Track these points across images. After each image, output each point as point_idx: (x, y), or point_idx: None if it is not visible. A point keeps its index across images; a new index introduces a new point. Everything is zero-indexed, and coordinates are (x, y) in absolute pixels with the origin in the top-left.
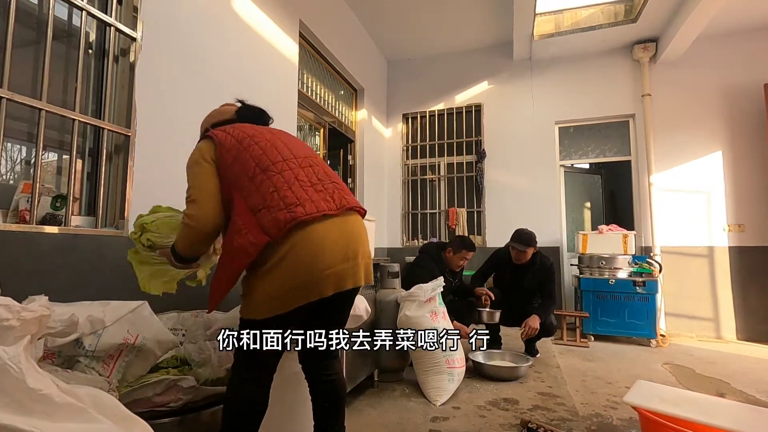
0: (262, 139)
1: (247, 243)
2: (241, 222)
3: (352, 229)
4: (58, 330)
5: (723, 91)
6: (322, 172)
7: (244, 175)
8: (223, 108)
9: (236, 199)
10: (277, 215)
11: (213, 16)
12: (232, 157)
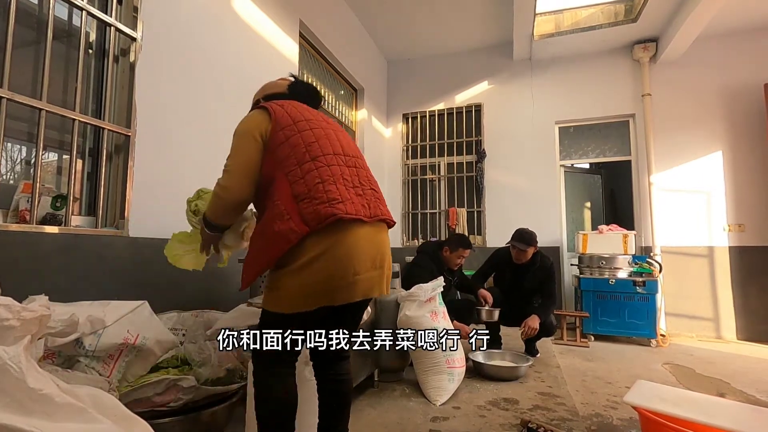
0: (318, 127)
1: (289, 230)
2: (284, 208)
3: (381, 238)
4: (58, 330)
5: (723, 91)
6: (364, 176)
7: (292, 158)
8: (277, 81)
9: (280, 182)
10: (318, 208)
11: (213, 16)
12: (284, 136)
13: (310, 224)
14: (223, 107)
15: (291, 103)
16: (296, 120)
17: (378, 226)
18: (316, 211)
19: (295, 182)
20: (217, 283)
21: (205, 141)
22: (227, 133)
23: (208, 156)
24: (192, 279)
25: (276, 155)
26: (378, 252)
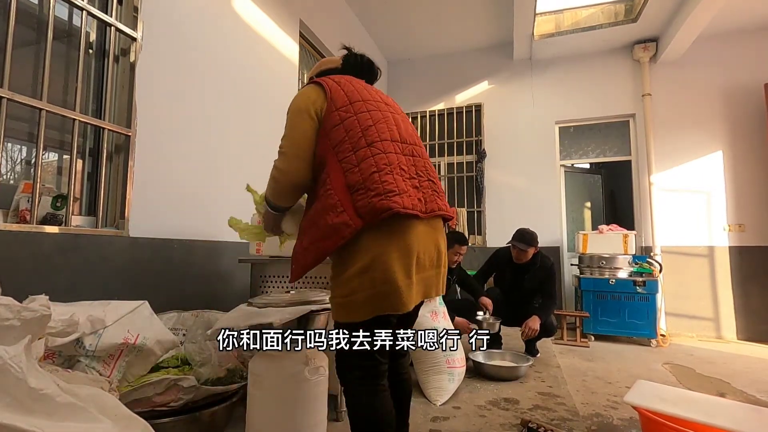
0: (376, 109)
1: (342, 224)
2: (338, 198)
3: (437, 235)
4: (58, 330)
5: (723, 91)
6: (422, 165)
7: (347, 142)
8: (330, 58)
9: (333, 168)
10: (373, 200)
11: (213, 16)
12: (339, 117)
13: (364, 218)
14: (223, 107)
15: (348, 80)
16: (353, 100)
17: (434, 222)
18: (370, 204)
19: (350, 170)
20: (217, 283)
21: (206, 141)
22: (227, 132)
23: (208, 156)
24: (192, 279)
25: (330, 137)
26: (435, 250)
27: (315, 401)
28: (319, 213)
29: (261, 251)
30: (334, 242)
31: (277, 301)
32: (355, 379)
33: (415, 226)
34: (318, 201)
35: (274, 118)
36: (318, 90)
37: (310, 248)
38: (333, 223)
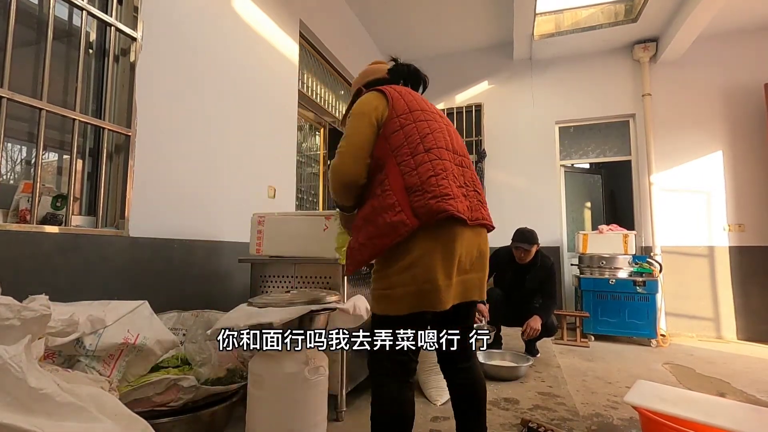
0: (433, 119)
1: (400, 222)
2: (396, 199)
3: (480, 242)
4: (58, 329)
5: (723, 91)
6: (469, 176)
7: (406, 147)
8: (375, 66)
9: (391, 170)
10: (430, 202)
11: (213, 15)
12: (399, 124)
13: (421, 218)
14: (223, 107)
15: (407, 90)
16: (412, 109)
17: (478, 229)
18: (427, 205)
19: (408, 173)
20: (217, 283)
21: (206, 141)
22: (227, 132)
23: (208, 156)
24: (192, 279)
25: (390, 142)
26: (478, 255)
27: (315, 401)
28: (377, 211)
29: (261, 251)
30: (391, 239)
31: (277, 301)
32: (385, 372)
33: (462, 230)
34: (375, 200)
35: (274, 117)
36: (380, 97)
37: (367, 244)
38: (391, 221)
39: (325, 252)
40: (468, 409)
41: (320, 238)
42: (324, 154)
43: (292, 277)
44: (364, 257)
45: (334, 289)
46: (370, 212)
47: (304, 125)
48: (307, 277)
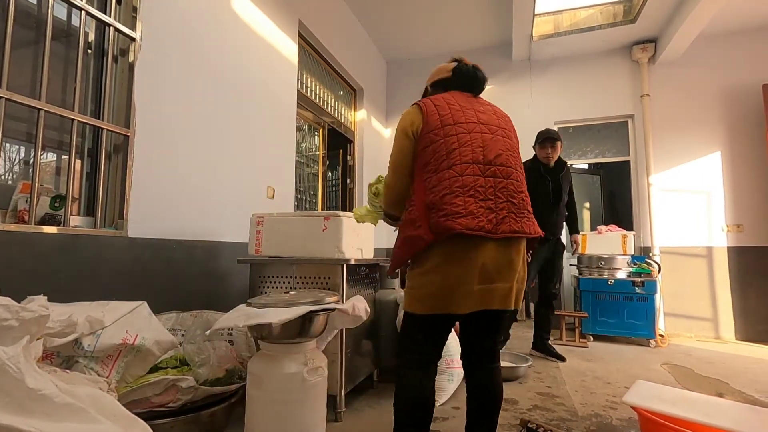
0: (466, 131)
1: (418, 237)
2: (417, 215)
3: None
4: (57, 330)
5: (722, 92)
6: (502, 186)
7: (431, 164)
8: (444, 65)
9: (418, 186)
10: (440, 220)
11: (213, 16)
12: (428, 141)
13: (436, 234)
14: (222, 107)
15: (447, 101)
16: (445, 123)
17: (507, 241)
18: (438, 223)
19: (429, 190)
20: (216, 283)
21: (205, 141)
22: (226, 132)
23: (207, 156)
24: (191, 279)
25: (420, 157)
26: (507, 265)
27: (314, 402)
28: (405, 224)
29: (260, 251)
30: (410, 250)
31: (276, 302)
32: (410, 362)
33: (483, 243)
34: (406, 212)
35: (273, 118)
36: (417, 111)
37: (398, 252)
38: (412, 235)
39: (324, 252)
40: (485, 410)
41: (319, 238)
42: (323, 154)
43: (291, 278)
44: (395, 262)
45: (333, 290)
46: (403, 223)
47: (303, 125)
48: (306, 278)
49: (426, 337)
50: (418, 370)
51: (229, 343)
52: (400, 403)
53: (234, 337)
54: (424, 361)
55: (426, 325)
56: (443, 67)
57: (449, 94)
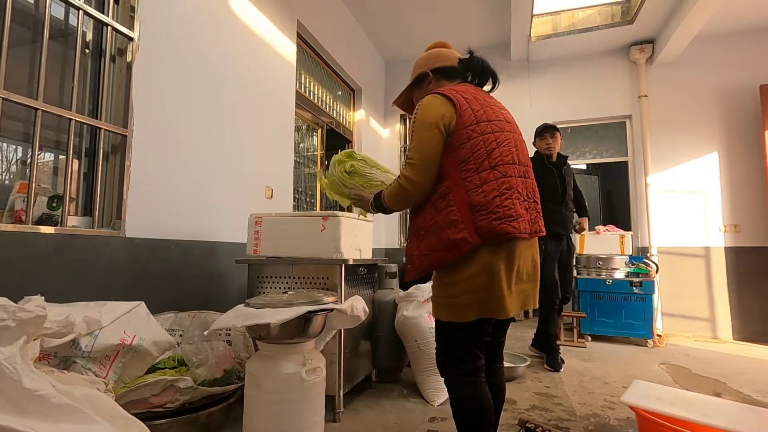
0: (500, 129)
1: (463, 240)
2: (460, 216)
3: (534, 251)
4: (54, 331)
5: (719, 93)
6: (531, 186)
7: (471, 162)
8: (445, 50)
9: (455, 184)
10: (494, 223)
11: (211, 15)
12: (465, 136)
13: (483, 237)
14: (220, 107)
15: (473, 95)
16: (479, 119)
17: (532, 240)
18: (491, 226)
19: (472, 190)
20: (214, 283)
21: (203, 141)
22: (224, 132)
23: (205, 156)
24: (189, 279)
25: (455, 154)
26: (533, 265)
27: (312, 402)
28: (440, 226)
29: (258, 252)
30: (453, 255)
31: (275, 302)
32: (458, 374)
33: (520, 244)
34: (438, 213)
35: (271, 118)
36: (448, 104)
37: (429, 255)
38: (455, 238)
39: (322, 252)
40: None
41: (318, 238)
42: (321, 154)
43: (289, 278)
44: (425, 267)
45: (331, 290)
46: (431, 224)
47: (301, 126)
48: (304, 278)
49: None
50: (475, 376)
51: (228, 343)
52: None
53: (232, 337)
54: (477, 367)
55: (476, 330)
56: (446, 54)
57: (465, 86)
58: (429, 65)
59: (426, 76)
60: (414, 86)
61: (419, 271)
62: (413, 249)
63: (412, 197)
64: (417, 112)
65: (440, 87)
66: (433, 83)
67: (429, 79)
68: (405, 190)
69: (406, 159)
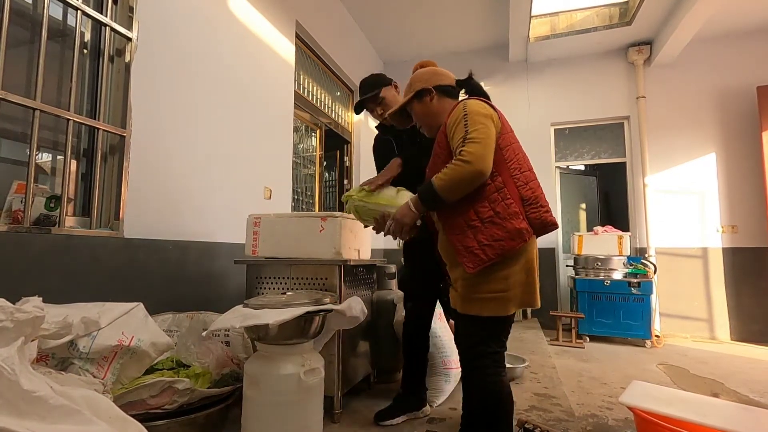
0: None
1: (525, 229)
2: (517, 208)
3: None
4: (52, 332)
5: (716, 94)
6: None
7: (515, 162)
8: (445, 71)
9: (507, 180)
10: (544, 216)
11: (209, 16)
12: (508, 140)
13: (535, 228)
14: (218, 108)
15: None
16: (508, 129)
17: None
18: (541, 218)
19: (522, 186)
20: (212, 284)
21: (201, 141)
22: (223, 133)
23: (204, 156)
24: (187, 280)
25: (502, 154)
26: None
27: (311, 403)
28: (503, 217)
29: (256, 252)
30: (518, 243)
31: (273, 303)
32: (486, 366)
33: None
34: (496, 204)
35: (270, 118)
36: (491, 108)
37: (493, 245)
38: (520, 227)
39: (321, 253)
40: None
41: (316, 239)
42: (320, 155)
43: (288, 279)
44: (489, 256)
45: (330, 291)
46: (492, 216)
47: (300, 126)
48: (303, 279)
49: (508, 332)
50: (503, 367)
51: (226, 344)
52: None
53: (231, 338)
54: (500, 359)
55: (508, 324)
56: (444, 73)
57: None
58: (432, 82)
59: (429, 91)
60: (413, 101)
61: (483, 260)
62: (469, 241)
63: (477, 175)
64: (466, 107)
65: (445, 103)
66: (436, 99)
67: (431, 95)
68: (471, 167)
69: (466, 140)
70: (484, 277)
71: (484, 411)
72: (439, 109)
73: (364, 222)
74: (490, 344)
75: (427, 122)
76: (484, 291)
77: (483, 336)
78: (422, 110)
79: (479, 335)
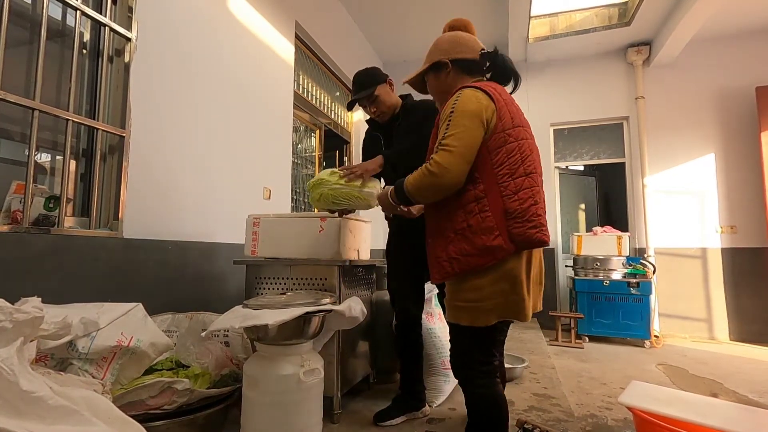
0: (530, 137)
1: (498, 247)
2: (495, 223)
3: (541, 257)
4: (51, 332)
5: (716, 94)
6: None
7: (506, 167)
8: (470, 39)
9: (491, 189)
10: (530, 232)
11: (208, 16)
12: (502, 139)
13: (517, 245)
14: (218, 108)
15: (507, 97)
16: (515, 123)
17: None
18: (527, 234)
19: (508, 196)
20: (212, 284)
21: (200, 141)
22: (222, 133)
23: (203, 156)
24: (187, 280)
25: (491, 157)
26: (540, 270)
27: (310, 403)
28: (474, 231)
29: (256, 253)
30: (486, 261)
31: (273, 303)
32: (476, 376)
33: (537, 251)
34: (471, 217)
35: (269, 118)
36: (489, 101)
37: (460, 260)
38: (490, 245)
39: (320, 253)
40: None
41: (316, 239)
42: (319, 155)
43: (287, 279)
44: (455, 270)
45: (329, 291)
46: (464, 228)
47: (299, 126)
48: (302, 279)
49: (495, 343)
50: (493, 377)
51: (225, 344)
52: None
53: (230, 338)
54: (494, 368)
55: (495, 332)
56: (468, 42)
57: (495, 85)
58: (450, 54)
59: (445, 65)
60: (429, 71)
61: (448, 274)
62: (440, 251)
63: (443, 187)
64: (456, 101)
65: (459, 81)
66: (451, 75)
67: (447, 70)
68: (436, 179)
69: (440, 146)
70: (459, 285)
71: (476, 420)
72: (453, 86)
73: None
74: (475, 354)
75: (440, 98)
76: (460, 299)
77: (468, 344)
78: (436, 85)
79: (464, 343)
